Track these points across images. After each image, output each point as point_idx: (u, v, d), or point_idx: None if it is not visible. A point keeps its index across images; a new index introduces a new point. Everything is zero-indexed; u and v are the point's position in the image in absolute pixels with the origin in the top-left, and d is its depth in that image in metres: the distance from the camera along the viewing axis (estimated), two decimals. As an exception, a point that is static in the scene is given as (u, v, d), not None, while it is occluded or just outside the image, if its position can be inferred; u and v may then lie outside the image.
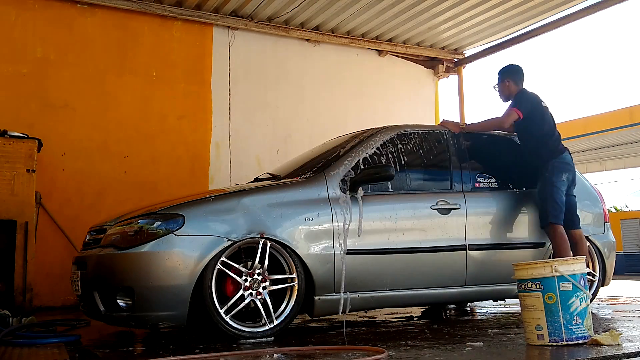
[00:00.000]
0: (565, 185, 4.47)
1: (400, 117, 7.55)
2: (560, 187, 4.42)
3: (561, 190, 4.42)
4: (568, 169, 4.53)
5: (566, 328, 2.91)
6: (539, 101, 4.64)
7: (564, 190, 4.44)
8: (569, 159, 4.60)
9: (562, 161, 4.52)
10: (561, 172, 4.47)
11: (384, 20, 7.35)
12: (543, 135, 4.59)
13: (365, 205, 3.86)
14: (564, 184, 4.46)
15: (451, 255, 4.16)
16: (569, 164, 4.55)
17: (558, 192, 4.39)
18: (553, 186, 4.40)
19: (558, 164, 4.49)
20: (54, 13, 6.31)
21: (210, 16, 6.96)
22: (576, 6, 6.96)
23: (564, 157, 4.55)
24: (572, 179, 4.56)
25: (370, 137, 4.23)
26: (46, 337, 3.58)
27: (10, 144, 5.18)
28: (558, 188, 4.40)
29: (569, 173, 4.53)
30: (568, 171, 4.52)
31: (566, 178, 4.48)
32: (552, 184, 4.41)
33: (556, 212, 4.35)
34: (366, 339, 3.36)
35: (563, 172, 4.48)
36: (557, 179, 4.43)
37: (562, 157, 4.54)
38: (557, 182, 4.41)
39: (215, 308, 3.33)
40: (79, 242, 4.51)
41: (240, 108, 7.12)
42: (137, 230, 3.41)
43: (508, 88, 4.72)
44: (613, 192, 27.99)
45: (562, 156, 4.54)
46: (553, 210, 4.35)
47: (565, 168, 4.51)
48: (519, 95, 4.65)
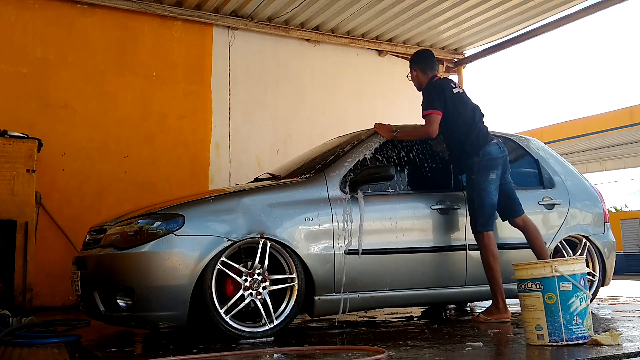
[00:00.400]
0: (494, 183, 4.05)
1: (400, 117, 7.53)
2: (487, 187, 4.03)
3: (488, 192, 4.03)
4: (495, 164, 4.07)
5: (566, 328, 2.91)
6: (449, 89, 4.18)
7: (493, 190, 4.05)
8: (495, 150, 4.09)
9: (485, 157, 4.07)
10: (487, 171, 4.05)
11: (384, 20, 7.35)
12: (460, 130, 4.14)
13: (365, 205, 3.86)
14: (493, 183, 4.05)
15: (451, 255, 4.17)
16: (495, 158, 4.07)
17: (485, 194, 4.02)
18: (480, 189, 4.04)
19: (481, 162, 4.06)
20: (54, 13, 6.31)
21: (210, 16, 6.96)
22: (576, 6, 6.96)
23: (487, 151, 4.07)
24: (503, 170, 4.11)
25: (371, 137, 4.23)
26: (46, 337, 3.57)
27: (10, 144, 5.18)
28: (484, 190, 4.03)
29: (497, 168, 4.07)
30: (495, 166, 4.06)
31: (495, 175, 4.05)
32: (478, 186, 4.04)
33: (484, 219, 4.03)
34: (366, 339, 3.36)
35: (489, 169, 4.05)
36: (482, 180, 4.04)
37: (485, 152, 4.07)
38: (483, 183, 4.03)
39: (215, 308, 3.33)
40: (79, 242, 4.51)
41: (240, 108, 7.13)
42: (137, 230, 3.41)
43: (417, 78, 4.33)
44: (613, 192, 28.01)
45: (484, 151, 4.07)
46: (481, 218, 4.03)
47: (491, 164, 4.06)
48: (427, 89, 4.22)
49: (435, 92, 4.17)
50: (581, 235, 4.85)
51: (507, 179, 4.21)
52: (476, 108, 4.27)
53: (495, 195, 4.09)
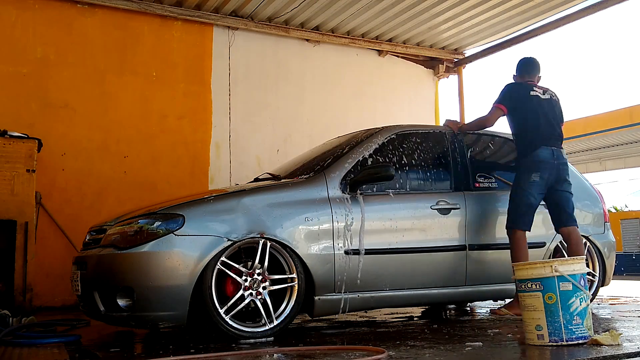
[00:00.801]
0: (536, 185, 4.12)
1: (400, 117, 7.56)
2: (527, 188, 4.11)
3: (528, 192, 4.11)
4: (540, 167, 4.13)
5: (566, 328, 2.91)
6: (525, 93, 4.34)
7: (534, 192, 4.12)
8: (545, 155, 4.16)
9: (532, 159, 4.16)
10: (529, 172, 4.14)
11: (384, 20, 7.35)
12: (521, 130, 4.31)
13: (365, 205, 3.86)
14: (534, 185, 4.12)
15: (451, 255, 4.17)
16: (541, 162, 4.14)
17: (524, 194, 4.11)
18: (519, 188, 4.14)
19: (527, 163, 4.18)
20: (54, 13, 6.31)
21: (210, 16, 6.96)
22: (576, 6, 6.96)
23: (536, 154, 4.16)
24: (549, 176, 4.16)
25: (370, 137, 4.23)
26: (46, 337, 3.57)
27: (10, 144, 5.19)
28: (524, 190, 4.11)
29: (543, 171, 4.13)
30: (540, 169, 4.13)
31: (538, 177, 4.11)
32: (518, 185, 4.16)
33: (514, 216, 4.11)
34: (366, 339, 3.36)
35: (532, 171, 4.13)
36: (524, 180, 4.14)
37: (534, 154, 4.16)
38: (524, 184, 4.12)
39: (215, 308, 3.33)
40: (79, 242, 4.51)
41: (240, 108, 7.13)
42: (137, 230, 3.41)
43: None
44: (613, 192, 28.01)
45: (533, 153, 4.16)
46: (513, 214, 4.12)
47: (536, 167, 4.14)
48: (504, 88, 4.41)
49: (509, 91, 4.38)
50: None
51: (559, 187, 4.21)
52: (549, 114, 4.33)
53: (535, 198, 4.14)
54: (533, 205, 4.16)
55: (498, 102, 4.37)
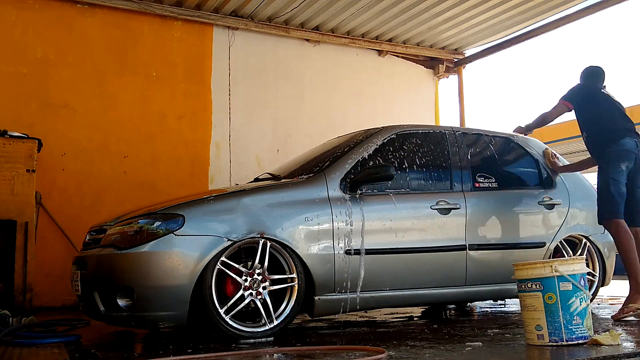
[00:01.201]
0: (624, 174, 4.12)
1: (400, 117, 7.55)
2: (616, 177, 4.09)
3: (618, 181, 4.09)
4: (627, 157, 4.14)
5: (566, 328, 2.91)
6: (594, 91, 4.41)
7: (622, 181, 4.11)
8: (631, 144, 4.17)
9: (619, 149, 4.16)
10: (617, 162, 4.13)
11: (384, 20, 7.35)
12: (597, 124, 4.33)
13: (365, 205, 3.86)
14: (623, 174, 4.12)
15: (451, 255, 4.16)
16: (629, 151, 4.15)
17: (614, 183, 4.10)
18: (608, 178, 4.12)
19: (613, 153, 4.16)
20: (54, 13, 6.31)
21: (210, 16, 6.96)
22: (576, 6, 6.96)
23: (621, 143, 4.16)
24: (634, 167, 4.17)
25: (370, 137, 4.23)
26: (46, 337, 3.57)
27: (10, 144, 5.19)
28: (614, 179, 4.11)
29: (629, 161, 4.15)
30: (627, 159, 4.14)
31: (625, 167, 4.13)
32: (607, 175, 4.13)
33: (610, 207, 4.10)
34: (366, 339, 3.36)
35: (620, 161, 4.13)
36: (612, 170, 4.11)
37: (620, 143, 4.16)
38: (613, 173, 4.10)
39: (215, 308, 3.33)
40: (79, 242, 4.51)
41: (240, 108, 7.13)
42: (137, 230, 3.41)
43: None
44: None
45: (619, 142, 4.16)
46: (606, 205, 4.10)
47: (623, 156, 4.14)
48: (572, 87, 4.49)
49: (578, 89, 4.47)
50: (581, 235, 4.85)
51: (635, 181, 4.20)
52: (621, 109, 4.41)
53: (624, 186, 4.14)
54: (624, 194, 4.14)
55: (565, 98, 4.44)
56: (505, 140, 4.85)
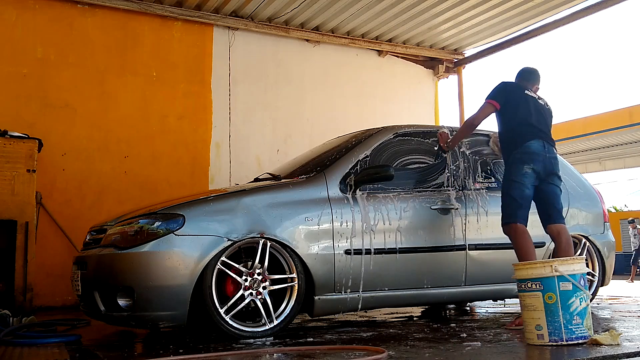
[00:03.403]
0: (529, 177, 3.96)
1: (400, 117, 7.56)
2: (520, 180, 3.94)
3: (521, 184, 3.94)
4: (532, 159, 3.97)
5: (566, 328, 2.92)
6: (516, 90, 4.19)
7: (527, 183, 3.95)
8: (536, 147, 4.00)
9: (523, 151, 3.99)
10: (521, 164, 3.96)
11: (384, 20, 7.36)
12: (509, 124, 4.13)
13: (365, 206, 3.87)
14: (527, 177, 3.95)
15: (451, 255, 4.17)
16: (533, 153, 3.98)
17: (517, 186, 3.96)
18: (511, 181, 4.00)
19: (518, 155, 4.00)
20: (54, 13, 6.32)
21: (211, 16, 6.97)
22: (576, 6, 6.97)
23: (527, 145, 4.00)
24: (541, 169, 3.98)
25: (370, 137, 4.23)
26: (46, 337, 3.58)
27: (10, 144, 5.19)
28: (517, 182, 3.96)
29: (535, 163, 3.96)
30: (532, 161, 3.96)
31: (530, 169, 3.95)
32: (510, 179, 4.01)
33: (511, 211, 3.96)
34: (366, 339, 3.36)
35: (524, 163, 3.96)
36: (515, 173, 3.97)
37: (525, 146, 4.00)
38: (516, 176, 3.95)
39: (215, 308, 3.34)
40: (80, 242, 4.51)
41: (240, 108, 7.13)
42: (138, 230, 3.42)
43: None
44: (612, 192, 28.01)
45: (524, 145, 4.00)
46: (507, 209, 3.98)
47: (527, 158, 3.97)
48: (497, 85, 4.23)
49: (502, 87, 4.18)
50: (581, 235, 4.85)
51: (553, 179, 4.06)
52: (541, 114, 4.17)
53: (529, 190, 3.98)
54: (528, 198, 4.01)
55: (490, 97, 4.16)
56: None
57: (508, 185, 4.01)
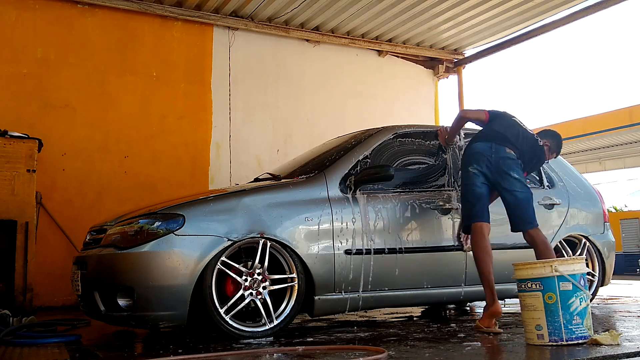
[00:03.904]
0: (476, 176, 3.90)
1: (400, 117, 7.56)
2: (467, 182, 3.93)
3: (471, 185, 3.90)
4: (476, 159, 3.93)
5: (566, 328, 2.92)
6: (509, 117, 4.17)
7: (476, 183, 3.89)
8: (482, 147, 3.95)
9: (468, 153, 4.01)
10: (467, 166, 3.96)
11: (384, 20, 7.36)
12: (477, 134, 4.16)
13: (364, 205, 3.87)
14: (475, 177, 3.90)
15: (451, 255, 4.17)
16: (478, 153, 3.94)
17: (467, 189, 3.94)
18: (463, 185, 4.00)
19: (465, 158, 4.03)
20: (54, 13, 6.32)
21: (211, 16, 6.97)
22: (576, 6, 6.97)
23: (472, 147, 4.01)
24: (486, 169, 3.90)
25: (370, 137, 4.23)
26: (46, 337, 3.58)
27: (10, 144, 5.19)
28: (466, 184, 3.95)
29: (479, 164, 3.91)
30: (476, 162, 3.92)
31: (475, 170, 3.91)
32: (463, 182, 4.02)
33: (466, 213, 3.94)
34: (366, 339, 3.36)
35: (469, 165, 3.95)
36: (464, 175, 3.99)
37: (470, 147, 4.02)
38: (465, 179, 3.97)
39: (215, 308, 3.34)
40: (80, 242, 4.51)
41: (240, 108, 7.13)
42: (138, 230, 3.42)
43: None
44: (612, 192, 27.99)
45: (470, 146, 4.03)
46: (465, 212, 3.97)
47: (471, 159, 3.96)
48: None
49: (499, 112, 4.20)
50: (581, 235, 4.86)
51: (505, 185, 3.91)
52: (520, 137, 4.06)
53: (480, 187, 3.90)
54: (481, 195, 3.90)
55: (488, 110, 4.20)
56: (505, 140, 4.84)
57: (462, 190, 4.03)
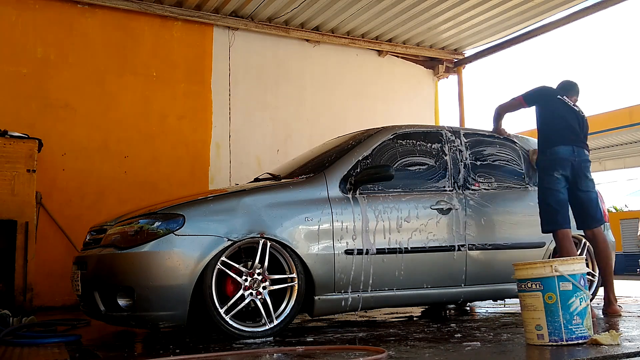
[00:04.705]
0: (560, 182, 4.12)
1: (400, 117, 7.56)
2: (552, 186, 4.11)
3: (555, 190, 4.11)
4: (560, 165, 4.12)
5: (566, 328, 2.92)
6: (550, 95, 4.43)
7: (559, 189, 4.12)
8: (565, 152, 4.16)
9: (550, 157, 4.17)
10: (551, 171, 4.14)
11: (384, 20, 7.36)
12: (542, 128, 4.36)
13: (364, 206, 3.87)
14: (558, 182, 4.12)
15: (451, 255, 4.17)
16: (562, 159, 4.13)
17: (551, 193, 4.11)
18: (544, 189, 4.16)
19: (547, 162, 4.19)
20: (54, 13, 6.32)
21: (211, 16, 6.97)
22: (576, 6, 6.97)
23: (555, 151, 4.16)
24: (571, 173, 4.15)
25: (370, 137, 4.23)
26: (46, 337, 3.58)
27: (10, 144, 5.19)
28: (549, 188, 4.12)
29: (563, 169, 4.12)
30: (561, 167, 4.12)
31: (560, 175, 4.12)
32: (543, 186, 4.18)
33: (550, 217, 4.12)
34: (366, 339, 3.36)
35: (552, 169, 4.14)
36: (547, 180, 4.15)
37: (553, 151, 4.17)
38: (549, 184, 4.14)
39: (215, 308, 3.34)
40: (80, 242, 4.51)
41: (240, 108, 7.13)
42: (138, 230, 3.42)
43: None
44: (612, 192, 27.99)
45: (552, 150, 4.17)
46: (547, 216, 4.12)
47: (555, 164, 4.13)
48: (533, 87, 4.57)
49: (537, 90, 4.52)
50: (581, 235, 4.85)
51: (581, 186, 4.19)
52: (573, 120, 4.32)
53: (563, 193, 4.15)
54: (564, 201, 4.16)
55: (522, 95, 4.53)
56: (504, 140, 4.85)
57: (543, 193, 4.19)
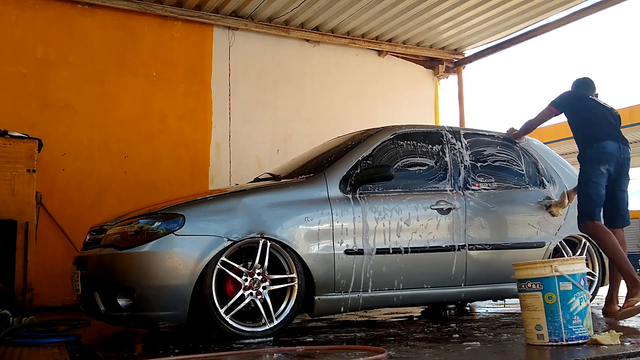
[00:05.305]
0: (603, 177, 4.16)
1: (400, 117, 7.56)
2: (597, 180, 4.15)
3: (598, 184, 4.14)
4: (607, 160, 4.18)
5: (566, 328, 2.91)
6: (581, 96, 4.52)
7: (602, 183, 4.16)
8: (612, 147, 4.21)
9: (599, 151, 4.20)
10: (598, 164, 4.17)
11: (384, 20, 7.36)
12: (582, 127, 4.40)
13: (365, 206, 3.87)
14: (602, 177, 4.16)
15: (451, 255, 4.16)
16: (609, 154, 4.19)
17: (594, 186, 4.14)
18: (588, 181, 4.17)
19: (594, 156, 4.21)
20: (54, 13, 6.32)
21: (211, 16, 6.97)
22: (576, 6, 6.97)
23: (602, 145, 4.20)
24: (615, 170, 4.21)
25: (370, 137, 4.23)
26: (47, 337, 3.58)
27: (10, 144, 5.19)
28: (593, 181, 4.15)
29: (609, 164, 4.18)
30: (607, 162, 4.17)
31: (605, 170, 4.17)
32: (587, 178, 4.19)
33: (590, 210, 4.14)
34: (366, 339, 3.36)
35: (600, 164, 4.17)
36: (593, 173, 4.17)
37: (601, 145, 4.21)
38: (592, 175, 4.16)
39: (215, 308, 3.34)
40: (80, 242, 4.51)
41: (240, 108, 7.13)
42: (138, 230, 3.42)
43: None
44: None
45: (600, 145, 4.21)
46: (586, 207, 4.15)
47: (603, 158, 4.18)
48: (561, 93, 4.61)
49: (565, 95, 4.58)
50: (581, 235, 4.84)
51: (619, 184, 4.28)
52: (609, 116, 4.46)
53: (604, 189, 4.20)
54: (603, 197, 4.20)
55: (552, 103, 4.56)
56: (504, 140, 4.85)
57: (585, 184, 4.21)
